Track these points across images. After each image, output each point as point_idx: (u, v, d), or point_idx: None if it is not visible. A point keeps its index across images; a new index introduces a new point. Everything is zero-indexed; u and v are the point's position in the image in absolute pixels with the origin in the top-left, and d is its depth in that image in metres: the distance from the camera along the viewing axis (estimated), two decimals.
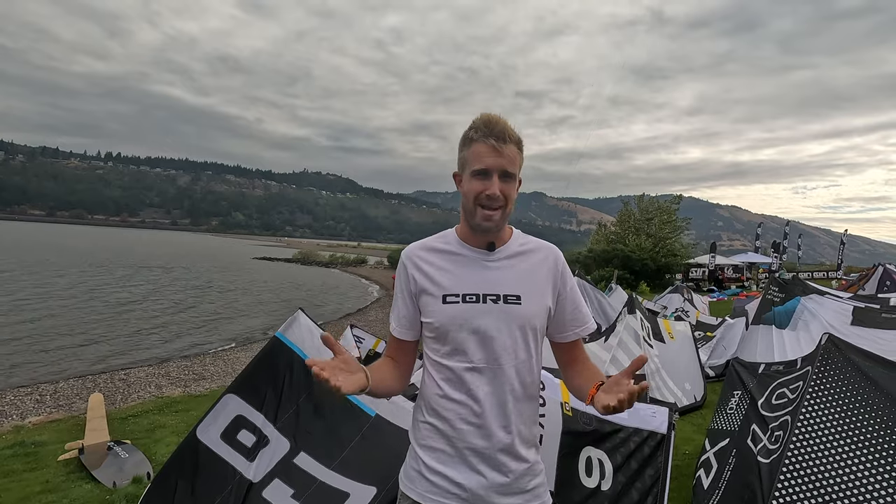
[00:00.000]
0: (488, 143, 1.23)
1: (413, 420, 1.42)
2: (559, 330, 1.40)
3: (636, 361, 1.11)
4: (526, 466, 1.32)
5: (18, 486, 3.60)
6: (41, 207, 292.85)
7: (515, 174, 1.28)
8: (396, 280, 1.41)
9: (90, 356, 11.58)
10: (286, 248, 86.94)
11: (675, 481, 2.98)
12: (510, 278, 1.32)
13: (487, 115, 1.26)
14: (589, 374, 1.37)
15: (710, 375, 6.42)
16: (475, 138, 1.26)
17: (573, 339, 1.42)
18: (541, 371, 1.38)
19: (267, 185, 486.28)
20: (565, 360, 1.44)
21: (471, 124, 1.29)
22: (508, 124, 1.26)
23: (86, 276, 28.76)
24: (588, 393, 1.24)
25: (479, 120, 1.27)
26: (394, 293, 1.42)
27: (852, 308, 4.12)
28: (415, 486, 1.32)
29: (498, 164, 1.24)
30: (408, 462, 1.38)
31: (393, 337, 1.40)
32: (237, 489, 2.40)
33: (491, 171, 1.24)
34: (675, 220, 31.17)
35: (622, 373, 1.16)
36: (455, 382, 1.29)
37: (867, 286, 11.49)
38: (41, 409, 7.42)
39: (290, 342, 2.74)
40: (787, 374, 2.72)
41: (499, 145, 1.23)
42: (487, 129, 1.24)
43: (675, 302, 12.18)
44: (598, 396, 1.17)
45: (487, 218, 1.27)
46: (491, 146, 1.23)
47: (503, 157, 1.24)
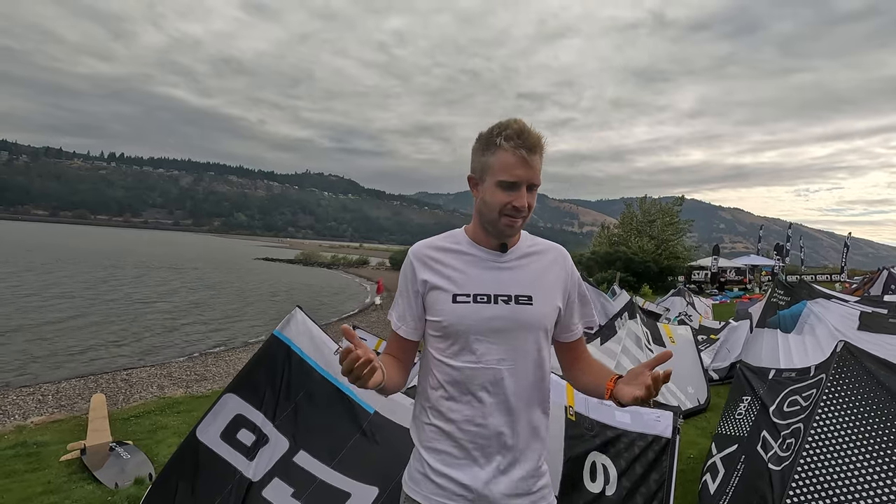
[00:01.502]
0: (519, 154, 1.19)
1: (415, 421, 1.39)
2: (566, 329, 1.40)
3: (661, 356, 1.10)
4: (532, 468, 1.31)
5: (20, 487, 3.60)
6: (44, 207, 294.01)
7: (538, 184, 1.26)
8: (402, 278, 1.37)
9: (93, 357, 11.59)
10: (288, 249, 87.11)
11: (679, 486, 2.96)
12: (521, 279, 1.30)
13: (519, 123, 1.21)
14: (597, 370, 1.37)
15: (714, 378, 6.40)
16: (504, 147, 1.20)
17: (577, 337, 1.42)
18: (549, 372, 1.36)
19: (269, 186, 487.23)
20: (569, 358, 1.44)
21: (496, 128, 1.22)
22: (537, 133, 1.21)
23: (90, 276, 28.81)
24: (606, 387, 1.22)
25: (511, 128, 1.20)
26: (398, 291, 1.38)
27: (859, 313, 4.09)
28: (420, 489, 1.30)
29: (528, 176, 1.21)
30: (412, 464, 1.36)
31: (396, 335, 1.37)
32: (237, 489, 2.38)
33: (521, 183, 1.21)
34: (677, 223, 31.12)
35: (643, 364, 1.14)
36: (462, 383, 1.27)
37: (872, 290, 11.42)
38: (43, 409, 7.43)
39: (288, 340, 2.73)
40: (801, 381, 2.68)
41: (530, 157, 1.20)
42: (520, 139, 1.19)
43: (677, 305, 12.13)
44: (619, 389, 1.17)
45: (511, 225, 1.25)
46: (521, 157, 1.19)
47: (532, 170, 1.21)
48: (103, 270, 32.44)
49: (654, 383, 1.06)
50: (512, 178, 1.21)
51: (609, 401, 1.22)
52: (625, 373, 1.21)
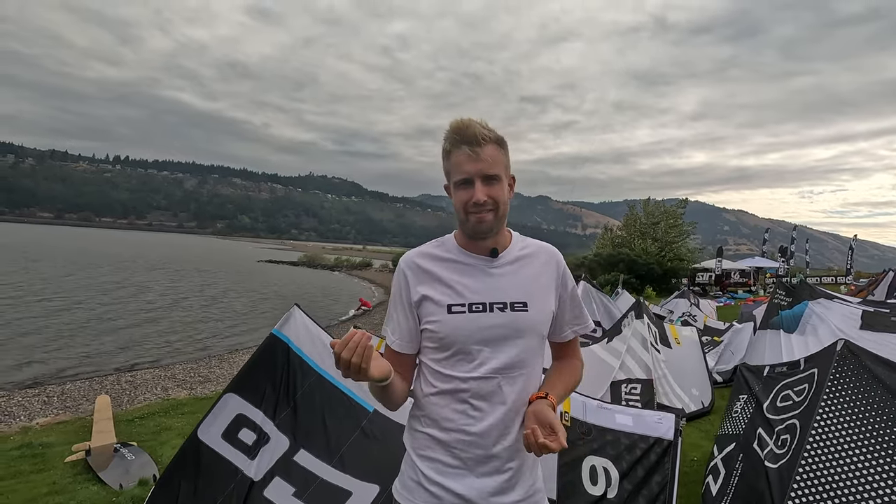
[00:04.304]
0: (462, 150, 1.20)
1: (409, 428, 1.36)
2: (558, 331, 1.40)
3: (554, 446, 1.09)
4: (526, 474, 1.30)
5: (25, 488, 3.62)
6: (50, 210, 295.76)
7: (499, 174, 1.23)
8: (394, 290, 1.33)
9: (96, 357, 11.65)
10: (291, 251, 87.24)
11: (683, 488, 2.95)
12: (515, 285, 1.28)
13: (457, 121, 1.21)
14: (559, 371, 1.40)
15: (718, 381, 6.37)
16: (450, 149, 1.22)
17: (570, 338, 1.42)
18: (542, 376, 1.36)
19: (273, 189, 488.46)
20: (558, 356, 1.46)
21: (445, 135, 1.24)
22: (480, 125, 1.20)
23: (92, 282, 28.93)
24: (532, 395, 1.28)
25: (449, 128, 1.22)
26: (391, 303, 1.34)
27: (861, 312, 4.07)
28: (413, 498, 1.28)
29: (477, 169, 1.20)
30: (404, 472, 1.33)
31: (392, 351, 1.31)
32: (239, 488, 2.39)
33: (472, 178, 1.20)
34: (680, 225, 31.03)
35: (551, 421, 1.15)
36: (457, 393, 1.25)
37: (877, 291, 11.36)
38: (48, 410, 7.47)
39: (287, 338, 2.74)
40: (791, 375, 2.67)
41: (473, 150, 1.19)
42: (458, 136, 1.20)
43: (681, 307, 12.09)
44: (528, 413, 1.22)
45: (480, 221, 1.23)
46: (466, 154, 1.20)
47: (481, 162, 1.19)
48: (113, 275, 32.58)
49: (534, 443, 1.10)
50: (462, 174, 1.21)
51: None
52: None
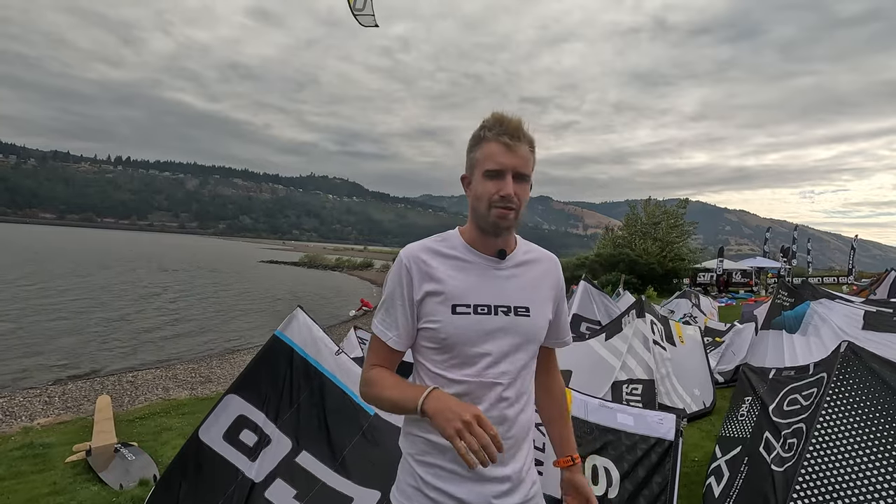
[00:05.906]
0: (501, 140, 1.17)
1: (406, 433, 1.32)
2: (548, 340, 1.39)
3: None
4: (525, 476, 1.29)
5: (26, 488, 3.62)
6: (52, 210, 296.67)
7: (529, 175, 1.21)
8: (393, 284, 1.25)
9: (97, 357, 11.66)
10: (293, 252, 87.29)
11: (684, 488, 2.94)
12: (519, 289, 1.27)
13: (500, 113, 1.20)
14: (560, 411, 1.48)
15: (719, 381, 6.35)
16: (487, 137, 1.19)
17: (552, 350, 1.46)
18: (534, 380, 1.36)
19: (274, 189, 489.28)
20: (540, 368, 1.41)
21: (482, 123, 1.22)
22: (522, 122, 1.19)
23: (89, 282, 28.97)
24: (559, 459, 1.44)
25: (491, 118, 1.20)
26: (388, 297, 1.26)
27: (863, 312, 4.06)
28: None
29: (512, 163, 1.17)
30: (402, 478, 1.29)
31: (388, 347, 1.26)
32: (240, 490, 2.38)
33: (505, 170, 1.17)
34: (682, 225, 30.97)
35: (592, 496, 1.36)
36: (457, 396, 1.19)
37: (878, 291, 11.34)
38: (49, 410, 7.48)
39: (290, 340, 2.74)
40: (800, 379, 2.66)
41: (513, 143, 1.17)
42: (501, 126, 1.17)
43: (682, 307, 12.07)
44: (565, 483, 1.40)
45: (502, 216, 1.18)
46: (504, 144, 1.16)
47: (517, 157, 1.17)
48: (113, 276, 32.62)
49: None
50: (496, 165, 1.17)
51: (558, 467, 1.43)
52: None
